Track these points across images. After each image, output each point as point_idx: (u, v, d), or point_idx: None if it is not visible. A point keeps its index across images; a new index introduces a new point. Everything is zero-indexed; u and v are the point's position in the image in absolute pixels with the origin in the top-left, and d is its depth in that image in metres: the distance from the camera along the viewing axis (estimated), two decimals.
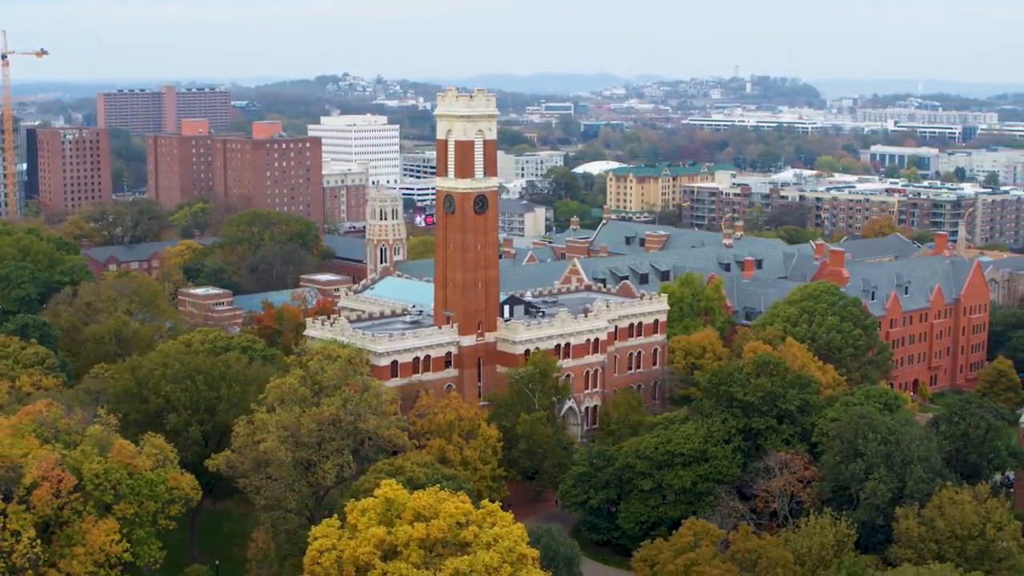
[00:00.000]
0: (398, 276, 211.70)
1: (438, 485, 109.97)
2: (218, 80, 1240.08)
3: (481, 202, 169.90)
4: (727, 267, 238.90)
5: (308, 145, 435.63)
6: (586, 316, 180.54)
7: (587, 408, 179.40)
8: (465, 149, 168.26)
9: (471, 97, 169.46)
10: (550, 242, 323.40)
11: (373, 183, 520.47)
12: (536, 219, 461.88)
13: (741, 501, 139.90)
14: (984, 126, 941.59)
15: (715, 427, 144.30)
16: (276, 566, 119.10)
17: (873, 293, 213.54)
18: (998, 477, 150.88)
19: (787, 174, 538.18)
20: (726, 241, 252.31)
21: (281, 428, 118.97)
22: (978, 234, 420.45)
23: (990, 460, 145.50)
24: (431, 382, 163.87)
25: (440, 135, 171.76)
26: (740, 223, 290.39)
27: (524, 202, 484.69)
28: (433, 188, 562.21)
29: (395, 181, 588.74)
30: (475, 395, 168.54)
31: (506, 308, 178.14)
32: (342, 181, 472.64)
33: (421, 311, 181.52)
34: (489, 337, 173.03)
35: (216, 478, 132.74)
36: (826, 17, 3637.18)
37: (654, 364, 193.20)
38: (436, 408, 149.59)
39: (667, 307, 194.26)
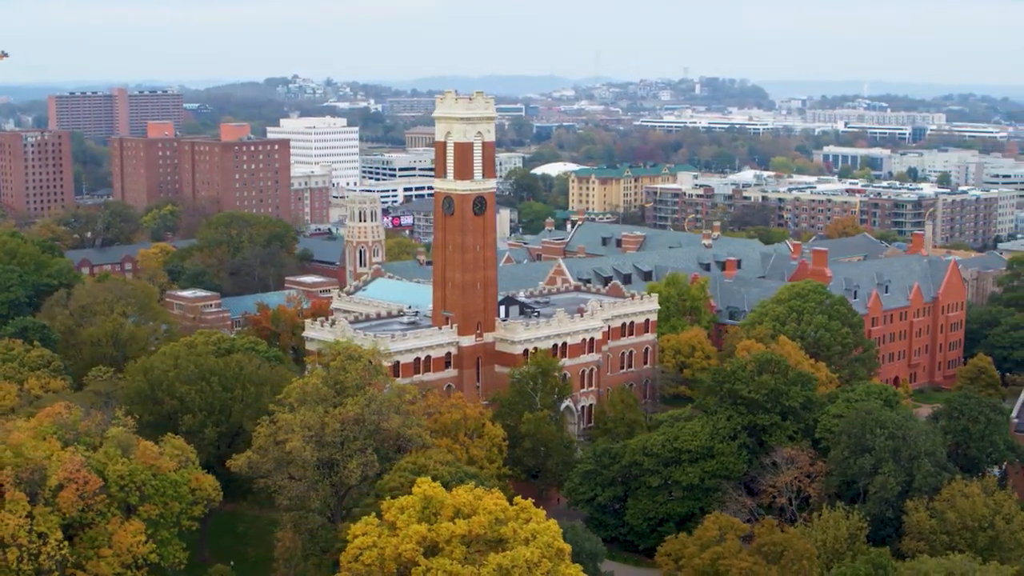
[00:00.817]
0: (389, 277, 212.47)
1: (472, 482, 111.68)
2: (165, 83, 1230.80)
3: (480, 203, 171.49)
4: (707, 267, 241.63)
5: (277, 147, 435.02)
6: (582, 316, 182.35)
7: (583, 407, 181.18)
8: (464, 151, 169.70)
9: (470, 100, 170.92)
10: (524, 243, 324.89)
11: (333, 185, 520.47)
12: (501, 221, 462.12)
13: (748, 497, 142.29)
14: (934, 127, 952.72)
15: (720, 424, 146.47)
16: (302, 565, 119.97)
17: (855, 292, 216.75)
18: (994, 470, 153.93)
19: (747, 175, 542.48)
20: (705, 242, 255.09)
21: (305, 428, 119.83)
22: (938, 233, 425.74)
23: (988, 454, 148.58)
24: (431, 382, 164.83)
25: (439, 137, 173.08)
26: (718, 223, 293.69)
27: None
28: (394, 190, 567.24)
29: (355, 183, 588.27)
30: (474, 395, 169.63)
31: (502, 308, 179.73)
32: (306, 183, 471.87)
33: (417, 312, 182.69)
34: (488, 337, 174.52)
35: (230, 479, 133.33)
36: (769, 19, 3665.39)
37: (645, 363, 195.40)
38: (442, 408, 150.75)
39: (657, 307, 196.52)
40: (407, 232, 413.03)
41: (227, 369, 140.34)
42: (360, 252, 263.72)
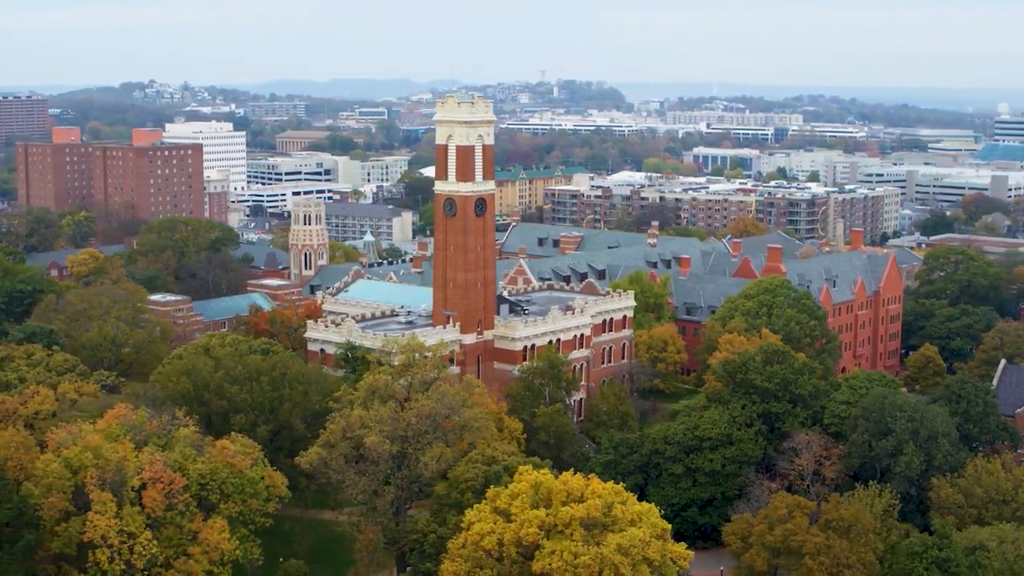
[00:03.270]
0: (368, 279, 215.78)
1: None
2: (13, 88, 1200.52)
3: (481, 205, 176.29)
4: (654, 265, 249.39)
5: (190, 152, 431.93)
6: (572, 313, 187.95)
7: (574, 401, 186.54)
8: (466, 154, 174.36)
9: (472, 104, 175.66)
10: None
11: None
12: (404, 223, 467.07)
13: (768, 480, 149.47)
14: (795, 128, 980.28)
15: (736, 412, 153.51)
16: (382, 557, 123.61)
17: (808, 287, 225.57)
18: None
19: (639, 176, 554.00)
20: (651, 241, 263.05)
21: (381, 423, 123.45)
22: (830, 230, 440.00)
23: (984, 434, 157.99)
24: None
25: (440, 140, 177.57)
26: (656, 223, 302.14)
27: (390, 207, 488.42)
28: (282, 194, 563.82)
29: (243, 188, 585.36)
30: None
31: None
32: (205, 188, 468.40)
33: (410, 311, 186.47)
34: (487, 335, 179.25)
35: None
36: (621, 22, 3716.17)
37: (623, 358, 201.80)
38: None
39: (634, 303, 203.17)
40: None
41: (273, 369, 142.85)
42: (306, 255, 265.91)
